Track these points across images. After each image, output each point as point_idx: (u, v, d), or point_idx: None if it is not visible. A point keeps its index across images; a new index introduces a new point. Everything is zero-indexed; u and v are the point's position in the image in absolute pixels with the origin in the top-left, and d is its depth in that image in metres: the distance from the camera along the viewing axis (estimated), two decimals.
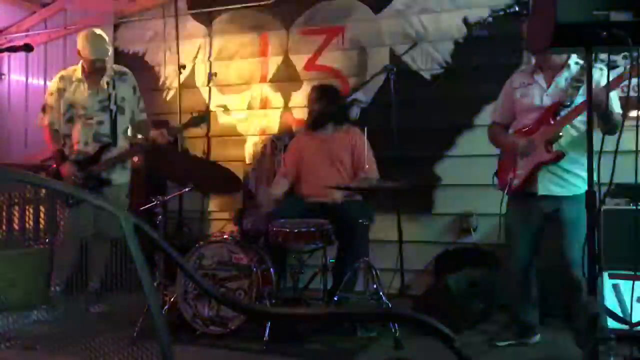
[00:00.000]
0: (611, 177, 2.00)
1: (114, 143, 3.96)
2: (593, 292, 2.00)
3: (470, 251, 4.10)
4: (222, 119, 5.08)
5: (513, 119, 3.22)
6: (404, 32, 4.49)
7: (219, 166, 3.91)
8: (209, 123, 5.00)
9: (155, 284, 3.41)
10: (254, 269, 3.36)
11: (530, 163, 3.02)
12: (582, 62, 3.00)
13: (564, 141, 2.96)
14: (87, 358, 3.01)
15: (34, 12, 5.77)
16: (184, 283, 3.45)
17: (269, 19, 4.96)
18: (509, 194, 3.10)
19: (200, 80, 5.17)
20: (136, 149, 4.13)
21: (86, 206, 3.72)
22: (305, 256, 3.63)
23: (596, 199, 2.02)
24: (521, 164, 3.05)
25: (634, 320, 3.05)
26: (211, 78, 5.02)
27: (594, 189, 2.03)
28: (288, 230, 3.42)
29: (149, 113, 4.30)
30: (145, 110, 4.20)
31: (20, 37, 5.67)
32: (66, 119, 3.96)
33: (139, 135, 4.13)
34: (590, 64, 2.07)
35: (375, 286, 3.41)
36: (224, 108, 4.91)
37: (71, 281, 3.94)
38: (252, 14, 5.01)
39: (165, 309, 3.40)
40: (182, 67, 5.11)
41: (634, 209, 3.21)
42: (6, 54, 5.53)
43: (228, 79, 5.09)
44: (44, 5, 5.75)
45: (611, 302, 3.16)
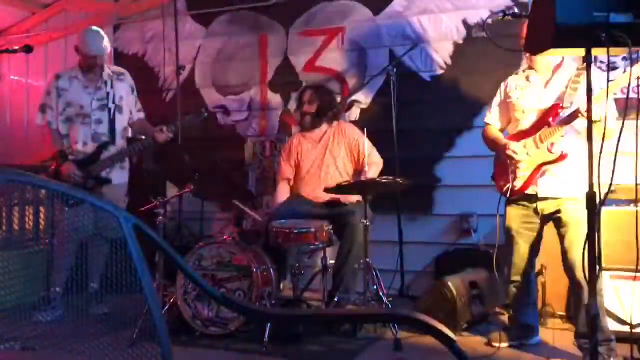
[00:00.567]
0: (612, 178, 2.00)
1: (112, 142, 3.97)
2: (593, 293, 2.00)
3: (470, 252, 4.11)
4: (222, 120, 5.07)
5: (508, 122, 3.22)
6: (403, 33, 4.49)
7: (219, 167, 3.91)
8: (208, 123, 4.99)
9: (155, 284, 3.40)
10: (254, 269, 3.36)
11: (533, 164, 3.01)
12: (576, 63, 3.00)
13: (565, 142, 2.95)
14: (86, 359, 3.00)
15: (34, 13, 5.77)
16: (184, 284, 3.45)
17: (268, 20, 4.96)
18: (509, 195, 3.10)
19: (200, 81, 5.16)
20: (137, 146, 4.14)
21: (86, 206, 3.71)
22: (305, 257, 3.63)
23: (596, 200, 2.02)
24: (523, 165, 3.04)
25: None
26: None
27: (595, 190, 2.03)
28: (288, 230, 3.42)
29: (148, 114, 4.30)
30: (143, 110, 4.21)
31: (20, 38, 5.67)
32: (64, 118, 3.96)
33: (138, 135, 4.13)
34: (590, 65, 2.07)
35: (376, 287, 3.41)
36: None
37: (71, 282, 3.94)
38: (252, 15, 5.01)
39: (165, 309, 3.40)
40: (181, 68, 5.10)
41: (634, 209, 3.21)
42: (6, 54, 5.52)
43: (228, 80, 5.08)
44: (45, 7, 5.75)
45: (612, 302, 3.16)
